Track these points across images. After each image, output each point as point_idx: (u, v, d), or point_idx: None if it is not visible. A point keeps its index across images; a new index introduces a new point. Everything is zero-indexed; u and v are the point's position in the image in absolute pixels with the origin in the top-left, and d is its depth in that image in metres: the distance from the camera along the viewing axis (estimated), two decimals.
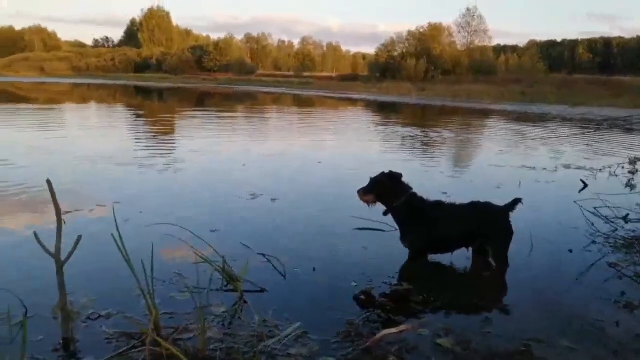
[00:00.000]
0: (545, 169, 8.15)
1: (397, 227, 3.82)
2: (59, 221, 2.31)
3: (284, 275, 3.42)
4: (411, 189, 3.73)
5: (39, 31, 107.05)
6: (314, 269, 3.53)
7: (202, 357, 2.33)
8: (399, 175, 3.72)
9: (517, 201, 3.57)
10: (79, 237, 2.27)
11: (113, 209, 2.69)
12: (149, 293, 2.44)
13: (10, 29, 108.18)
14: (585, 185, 6.69)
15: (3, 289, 2.86)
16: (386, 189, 3.70)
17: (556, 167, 8.40)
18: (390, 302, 3.06)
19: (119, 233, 2.46)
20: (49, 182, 2.22)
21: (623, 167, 8.21)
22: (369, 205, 3.78)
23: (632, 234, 4.53)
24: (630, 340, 2.71)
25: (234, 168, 7.54)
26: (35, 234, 2.22)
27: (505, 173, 7.70)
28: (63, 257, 2.41)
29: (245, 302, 2.99)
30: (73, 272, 2.68)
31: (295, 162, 8.38)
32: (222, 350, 2.43)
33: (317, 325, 2.71)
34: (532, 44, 68.24)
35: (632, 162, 8.35)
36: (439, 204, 3.75)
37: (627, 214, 4.84)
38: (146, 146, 9.64)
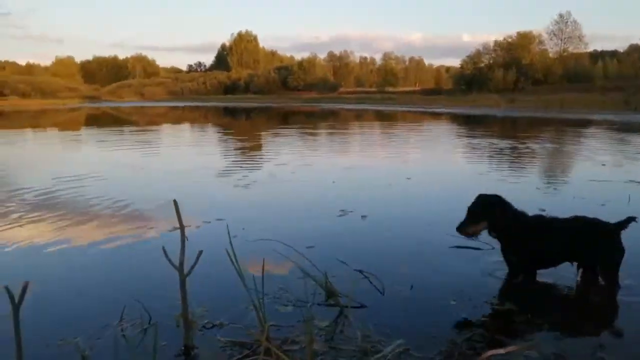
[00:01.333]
0: None
1: (497, 244, 3.74)
2: (183, 237, 2.54)
3: (382, 292, 3.46)
4: (510, 205, 3.64)
5: (140, 59, 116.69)
6: (412, 287, 3.55)
7: None
8: (495, 197, 3.61)
9: (630, 219, 3.36)
10: (200, 252, 2.49)
11: (227, 227, 2.91)
12: (260, 305, 2.60)
13: (115, 59, 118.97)
14: None
15: (132, 298, 3.18)
16: (484, 210, 3.60)
17: None
18: (493, 322, 3.01)
19: (233, 249, 2.65)
20: (175, 202, 2.46)
21: None
22: (474, 238, 3.69)
23: None
24: None
25: (322, 184, 7.74)
26: (164, 249, 2.47)
27: (611, 188, 7.21)
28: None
29: (346, 317, 3.07)
30: (187, 282, 2.92)
31: (383, 178, 8.42)
32: None
33: (418, 343, 2.72)
34: (634, 48, 63.17)
35: None
36: (540, 217, 3.63)
37: None
38: (239, 163, 10.16)
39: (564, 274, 3.64)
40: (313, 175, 8.82)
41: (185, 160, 11.13)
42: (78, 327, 2.89)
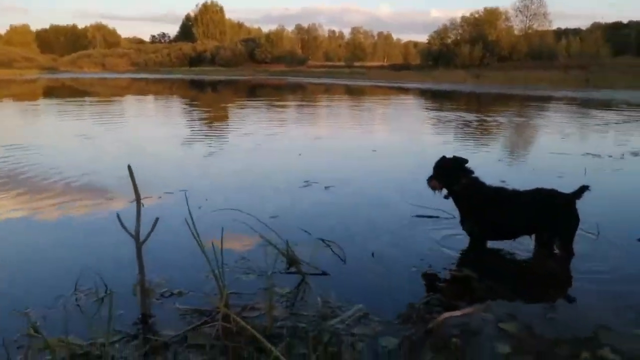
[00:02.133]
0: (611, 156, 7.80)
1: (457, 213, 3.80)
2: (138, 205, 2.47)
3: (343, 259, 3.48)
4: (472, 172, 3.68)
5: (100, 28, 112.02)
6: (373, 254, 3.58)
7: (270, 334, 2.44)
8: (462, 160, 3.68)
9: (584, 188, 3.46)
10: (157, 219, 2.43)
11: (186, 197, 2.85)
12: (219, 274, 2.57)
13: (74, 27, 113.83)
14: None
15: (88, 268, 3.10)
16: (446, 171, 3.67)
17: (623, 154, 8.01)
18: (451, 287, 3.07)
19: (192, 219, 2.59)
20: (129, 167, 2.38)
21: None
22: (435, 192, 3.76)
23: None
24: None
25: (288, 155, 7.69)
26: (118, 216, 2.39)
27: (568, 161, 7.43)
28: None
29: (307, 284, 3.09)
30: (146, 253, 2.86)
31: (349, 150, 8.42)
32: (288, 328, 2.53)
33: (378, 308, 2.76)
34: (596, 27, 64.54)
35: None
36: (501, 189, 3.70)
37: None
38: (204, 134, 9.98)
39: (522, 243, 3.73)
40: (278, 146, 8.75)
41: (149, 131, 10.87)
42: (30, 299, 2.80)
